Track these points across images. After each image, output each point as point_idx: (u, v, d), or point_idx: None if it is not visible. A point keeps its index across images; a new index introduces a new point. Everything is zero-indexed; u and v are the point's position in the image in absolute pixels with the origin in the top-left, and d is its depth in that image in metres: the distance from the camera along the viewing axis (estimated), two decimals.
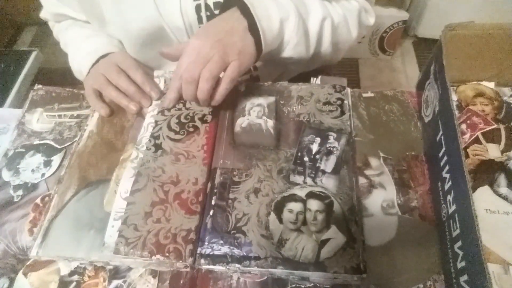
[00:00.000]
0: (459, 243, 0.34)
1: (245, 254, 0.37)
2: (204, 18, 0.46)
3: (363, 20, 0.58)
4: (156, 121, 0.47)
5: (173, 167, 0.42)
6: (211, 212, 0.40)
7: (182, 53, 0.43)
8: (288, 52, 0.51)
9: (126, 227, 0.38)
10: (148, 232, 0.38)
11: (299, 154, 0.43)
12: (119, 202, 0.40)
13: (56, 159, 0.50)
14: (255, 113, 0.47)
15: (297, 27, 0.48)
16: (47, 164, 0.50)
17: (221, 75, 0.43)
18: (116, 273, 0.41)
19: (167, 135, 0.45)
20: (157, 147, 0.44)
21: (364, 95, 0.52)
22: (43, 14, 0.62)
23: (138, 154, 0.44)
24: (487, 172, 0.43)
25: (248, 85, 0.51)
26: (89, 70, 0.53)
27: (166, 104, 0.47)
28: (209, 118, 0.47)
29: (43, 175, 0.49)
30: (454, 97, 0.50)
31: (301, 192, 0.40)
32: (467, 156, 0.45)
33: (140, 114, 0.49)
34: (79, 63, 0.54)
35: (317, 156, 0.43)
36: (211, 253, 0.37)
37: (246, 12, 0.44)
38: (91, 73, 0.51)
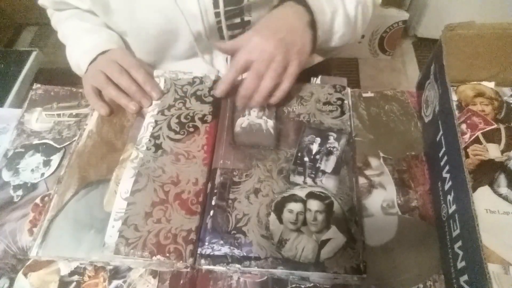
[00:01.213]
0: (459, 243, 0.34)
1: (245, 254, 0.37)
2: (221, 2, 0.46)
3: None
4: (156, 121, 0.47)
5: (173, 167, 0.42)
6: (211, 213, 0.40)
7: (241, 48, 0.44)
8: (333, 43, 0.52)
9: (127, 228, 0.38)
10: (148, 233, 0.38)
11: (299, 154, 0.43)
12: (119, 202, 0.40)
13: (55, 159, 0.50)
14: (255, 113, 0.47)
15: (344, 18, 0.50)
16: (47, 163, 0.50)
17: None
18: (116, 273, 0.41)
19: (167, 135, 0.45)
20: (157, 147, 0.44)
21: (364, 95, 0.52)
22: (41, 1, 0.60)
23: (138, 154, 0.44)
24: (487, 172, 0.43)
25: None
26: (88, 67, 0.52)
27: (217, 93, 0.47)
28: (209, 118, 0.47)
29: (42, 174, 0.49)
30: (454, 97, 0.50)
31: (301, 193, 0.40)
32: (467, 156, 0.45)
33: (140, 113, 0.49)
34: (78, 58, 0.53)
35: (317, 156, 0.43)
36: (211, 253, 0.37)
37: (305, 6, 0.46)
38: (90, 71, 0.50)
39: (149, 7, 0.47)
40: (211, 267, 0.37)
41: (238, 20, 0.50)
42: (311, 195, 0.40)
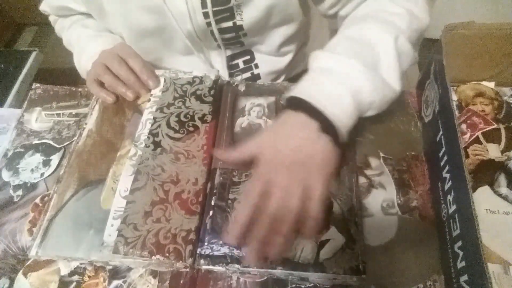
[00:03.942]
0: (459, 243, 0.34)
1: (244, 254, 0.37)
2: (209, 2, 0.46)
3: None
4: (154, 118, 0.47)
5: (173, 166, 0.42)
6: (211, 213, 0.40)
7: (250, 179, 0.38)
8: (374, 109, 0.41)
9: (126, 226, 0.38)
10: (148, 232, 0.38)
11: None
12: (118, 201, 0.40)
13: (55, 159, 0.50)
14: (255, 113, 0.47)
15: (374, 83, 0.38)
16: (46, 163, 0.50)
17: None
18: (116, 273, 0.41)
19: (166, 133, 0.45)
20: (156, 144, 0.44)
21: None
22: (43, 7, 0.61)
23: (137, 151, 0.44)
24: (487, 172, 0.43)
25: (248, 85, 0.51)
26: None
27: (231, 241, 0.35)
28: (209, 118, 0.47)
29: (42, 174, 0.49)
30: (454, 97, 0.50)
31: None
32: (467, 156, 0.45)
33: (137, 110, 0.49)
34: (85, 64, 0.54)
35: None
36: (211, 253, 0.37)
37: (312, 111, 0.36)
38: (93, 65, 0.51)
39: (141, 7, 0.47)
40: (211, 267, 0.37)
41: (230, 24, 0.49)
42: None
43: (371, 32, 0.41)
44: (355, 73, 0.38)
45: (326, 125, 0.36)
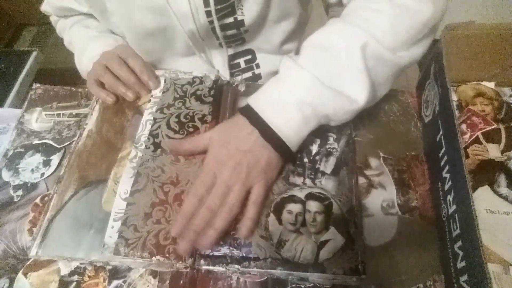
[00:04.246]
0: (459, 243, 0.34)
1: (244, 255, 0.37)
2: (211, 1, 0.46)
3: None
4: (154, 119, 0.47)
5: (172, 167, 0.42)
6: None
7: (201, 170, 0.40)
8: (334, 121, 0.41)
9: (126, 228, 0.38)
10: (148, 233, 0.38)
11: (298, 155, 0.43)
12: (118, 203, 0.40)
13: (55, 159, 0.50)
14: None
15: (325, 96, 0.38)
16: (47, 163, 0.50)
17: None
18: (116, 273, 0.41)
19: (166, 134, 0.45)
20: (156, 146, 0.44)
21: None
22: (44, 8, 0.61)
23: (137, 153, 0.44)
24: (487, 172, 0.43)
25: (248, 85, 0.51)
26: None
27: (181, 250, 0.37)
28: (209, 118, 0.47)
29: (42, 174, 0.49)
30: (454, 97, 0.50)
31: (301, 193, 0.40)
32: (467, 156, 0.45)
33: (138, 111, 0.49)
34: (86, 65, 0.54)
35: (317, 157, 0.43)
36: (211, 253, 0.37)
37: (254, 117, 0.39)
38: (93, 65, 0.51)
39: (143, 7, 0.47)
40: (211, 267, 0.37)
41: (231, 20, 0.50)
42: (310, 196, 0.40)
43: (340, 39, 0.39)
44: (306, 85, 0.38)
45: (269, 134, 0.38)
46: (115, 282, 0.40)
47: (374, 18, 0.39)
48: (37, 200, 0.47)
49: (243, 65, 0.59)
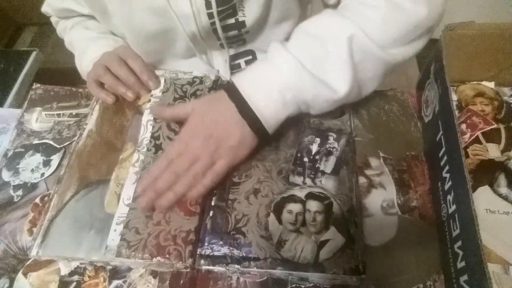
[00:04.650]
0: (459, 243, 0.34)
1: (244, 255, 0.37)
2: (213, 3, 0.46)
3: None
4: (155, 119, 0.47)
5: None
6: (211, 213, 0.40)
7: (177, 136, 0.41)
8: (314, 109, 0.42)
9: (128, 231, 0.38)
10: (148, 235, 0.38)
11: (298, 154, 0.43)
12: (121, 208, 0.40)
13: (55, 159, 0.50)
14: None
15: (305, 82, 0.38)
16: (47, 163, 0.50)
17: None
18: (116, 273, 0.41)
19: (167, 135, 0.45)
20: (158, 147, 0.44)
21: None
22: (45, 9, 0.61)
23: (139, 157, 0.44)
24: (487, 172, 0.43)
25: None
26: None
27: (142, 183, 0.40)
28: None
29: (42, 174, 0.49)
30: (454, 97, 0.50)
31: (301, 193, 0.40)
32: (467, 156, 0.45)
33: (138, 111, 0.49)
34: (87, 66, 0.54)
35: (317, 157, 0.43)
36: (211, 254, 0.37)
37: (234, 93, 0.40)
38: (93, 66, 0.51)
39: (144, 9, 0.47)
40: (211, 267, 0.37)
41: (232, 21, 0.50)
42: (310, 196, 0.40)
43: (329, 28, 0.39)
44: (288, 69, 0.38)
45: (246, 110, 0.39)
46: (115, 282, 0.40)
47: (367, 13, 0.39)
48: (37, 200, 0.47)
49: (243, 65, 0.59)
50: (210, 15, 0.47)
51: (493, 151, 0.45)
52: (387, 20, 0.39)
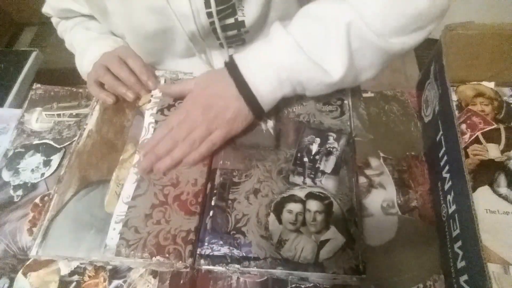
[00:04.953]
0: (459, 243, 0.34)
1: (244, 254, 0.37)
2: (212, 2, 0.46)
3: None
4: (156, 121, 0.47)
5: (173, 169, 0.42)
6: (211, 213, 0.40)
7: (179, 106, 0.45)
8: (309, 91, 0.43)
9: (127, 230, 0.38)
10: (148, 234, 0.38)
11: (298, 154, 0.43)
12: (120, 207, 0.40)
13: (55, 159, 0.50)
14: None
15: (301, 64, 0.40)
16: (47, 163, 0.50)
17: None
18: (116, 273, 0.41)
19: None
20: None
21: (364, 95, 0.52)
22: (45, 9, 0.62)
23: (140, 158, 0.44)
24: (487, 172, 0.43)
25: None
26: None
27: (145, 146, 0.44)
28: None
29: (42, 175, 0.49)
30: (454, 97, 0.50)
31: (301, 193, 0.40)
32: (467, 156, 0.45)
33: (138, 111, 0.49)
34: (87, 67, 0.54)
35: (317, 157, 0.43)
36: (211, 253, 0.37)
37: (234, 70, 0.41)
38: (93, 67, 0.52)
39: (144, 8, 0.47)
40: (211, 267, 0.37)
41: (232, 20, 0.50)
42: (310, 196, 0.40)
43: (330, 13, 0.39)
44: (286, 50, 0.40)
45: (244, 87, 0.41)
46: (115, 282, 0.40)
47: (367, 0, 0.39)
48: (37, 200, 0.47)
49: None
50: (209, 15, 0.47)
51: (493, 151, 0.45)
52: (387, 9, 0.38)
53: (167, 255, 0.37)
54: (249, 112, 0.42)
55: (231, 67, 0.42)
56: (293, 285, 0.39)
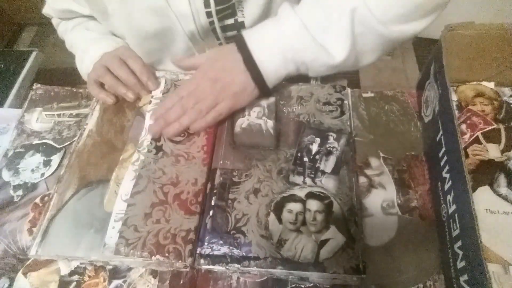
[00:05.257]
0: (459, 243, 0.34)
1: (244, 254, 0.37)
2: (212, 2, 0.46)
3: None
4: None
5: (173, 168, 0.43)
6: (211, 213, 0.40)
7: (191, 77, 0.47)
8: (312, 71, 0.45)
9: (127, 228, 0.38)
10: (148, 233, 0.38)
11: (298, 154, 0.43)
12: (119, 204, 0.40)
13: (55, 159, 0.50)
14: (255, 114, 0.47)
15: (305, 45, 0.42)
16: (47, 163, 0.50)
17: None
18: (116, 273, 0.41)
19: (167, 137, 0.45)
20: (158, 149, 0.44)
21: (364, 95, 0.52)
22: (46, 10, 0.62)
23: (140, 157, 0.44)
24: (487, 172, 0.43)
25: None
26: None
27: (156, 113, 0.47)
28: None
29: (42, 175, 0.49)
30: (454, 97, 0.50)
31: (301, 193, 0.40)
32: (467, 156, 0.45)
33: (139, 112, 0.49)
34: (88, 67, 0.54)
35: (317, 157, 0.43)
36: (211, 253, 0.37)
37: (242, 47, 0.43)
38: (93, 67, 0.52)
39: (143, 9, 0.47)
40: (210, 267, 0.37)
41: (231, 21, 0.50)
42: (310, 195, 0.40)
43: None
44: (293, 30, 0.42)
45: (251, 63, 0.43)
46: (115, 282, 0.40)
47: None
48: (37, 200, 0.47)
49: None
50: (209, 14, 0.47)
51: (493, 151, 0.45)
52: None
53: (166, 255, 0.37)
54: (254, 87, 0.45)
55: (240, 43, 0.44)
56: (293, 285, 0.39)
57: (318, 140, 0.44)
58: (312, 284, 0.39)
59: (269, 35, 0.43)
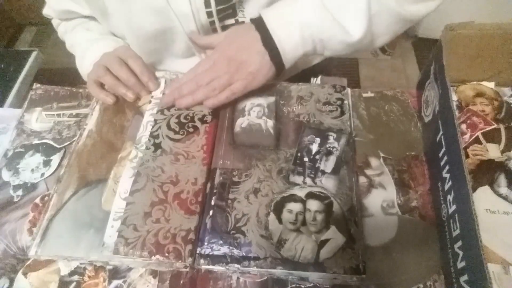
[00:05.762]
0: (459, 243, 0.34)
1: (244, 254, 0.37)
2: (212, 2, 0.46)
3: None
4: (155, 120, 0.47)
5: (172, 167, 0.42)
6: (211, 212, 0.40)
7: (206, 56, 0.48)
8: (329, 50, 0.46)
9: (126, 227, 0.38)
10: (147, 232, 0.38)
11: (298, 154, 0.43)
12: (118, 202, 0.40)
13: (55, 159, 0.50)
14: (255, 113, 0.47)
15: (324, 22, 0.43)
16: (47, 163, 0.50)
17: None
18: (116, 273, 0.41)
19: (166, 135, 0.45)
20: (157, 146, 0.44)
21: (364, 95, 0.52)
22: (46, 11, 0.61)
23: (138, 154, 0.44)
24: (487, 172, 0.43)
25: None
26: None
27: (171, 85, 0.49)
28: (209, 118, 0.47)
29: (42, 174, 0.49)
30: (454, 97, 0.50)
31: (301, 193, 0.40)
32: (467, 156, 0.45)
33: (138, 112, 0.49)
34: (88, 68, 0.54)
35: (317, 157, 0.43)
36: (211, 253, 0.37)
37: (261, 25, 0.44)
38: (93, 67, 0.51)
39: (144, 8, 0.47)
40: (210, 267, 0.37)
41: (232, 21, 0.50)
42: (310, 195, 0.40)
43: None
44: (312, 8, 0.42)
45: (269, 42, 0.43)
46: (115, 282, 0.40)
47: None
48: (37, 200, 0.47)
49: None
50: (209, 14, 0.47)
51: (493, 151, 0.45)
52: None
53: (166, 255, 0.37)
54: (271, 67, 0.45)
55: (258, 22, 0.44)
56: (293, 285, 0.39)
57: (318, 140, 0.44)
58: (312, 284, 0.39)
59: (287, 13, 0.44)
